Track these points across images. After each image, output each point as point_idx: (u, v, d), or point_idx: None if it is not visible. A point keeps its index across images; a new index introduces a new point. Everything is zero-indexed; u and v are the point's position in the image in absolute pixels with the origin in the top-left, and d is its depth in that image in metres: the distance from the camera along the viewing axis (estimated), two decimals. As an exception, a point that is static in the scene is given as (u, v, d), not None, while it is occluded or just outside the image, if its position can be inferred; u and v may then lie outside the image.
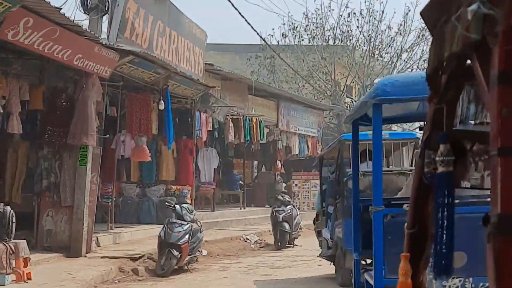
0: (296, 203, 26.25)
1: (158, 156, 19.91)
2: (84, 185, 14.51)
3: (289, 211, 19.52)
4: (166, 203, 15.48)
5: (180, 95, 19.79)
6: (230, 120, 23.84)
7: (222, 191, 26.70)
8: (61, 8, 12.36)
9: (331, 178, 14.03)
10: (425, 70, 2.81)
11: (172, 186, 19.72)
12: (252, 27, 22.97)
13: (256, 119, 25.51)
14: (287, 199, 19.97)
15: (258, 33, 24.83)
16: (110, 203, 16.96)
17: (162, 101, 17.44)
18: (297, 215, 20.09)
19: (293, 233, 19.72)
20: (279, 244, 19.39)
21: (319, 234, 15.33)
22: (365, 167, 11.86)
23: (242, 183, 26.54)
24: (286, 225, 19.34)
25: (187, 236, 13.98)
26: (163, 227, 14.18)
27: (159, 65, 17.01)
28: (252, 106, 26.01)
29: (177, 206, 14.25)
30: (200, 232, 14.80)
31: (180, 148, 20.33)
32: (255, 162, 30.55)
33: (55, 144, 14.58)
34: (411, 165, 12.59)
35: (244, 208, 25.86)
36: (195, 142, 20.96)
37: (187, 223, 14.12)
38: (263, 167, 30.45)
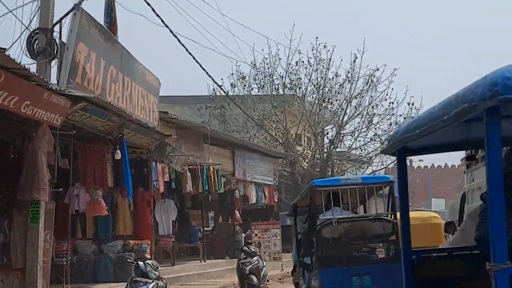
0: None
1: (114, 210, 18.69)
2: (37, 244, 13.27)
3: (256, 262, 18.43)
4: (128, 260, 14.25)
5: (135, 145, 18.69)
6: (187, 169, 22.76)
7: (180, 244, 25.45)
8: (5, 49, 11.23)
9: (304, 227, 13.62)
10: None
11: (130, 241, 18.49)
12: (207, 72, 22.07)
13: (214, 168, 24.49)
14: (253, 250, 18.87)
15: (212, 79, 24.03)
16: (65, 263, 15.69)
17: (118, 151, 16.30)
18: (264, 266, 19.00)
19: (261, 285, 18.59)
20: (247, 298, 18.24)
21: (296, 285, 14.39)
22: (335, 213, 11.80)
23: (201, 235, 25.38)
24: (254, 278, 18.22)
25: (153, 295, 12.80)
26: (126, 286, 12.96)
27: (114, 112, 15.92)
28: (208, 155, 25.00)
29: (141, 263, 13.05)
30: (166, 289, 13.62)
31: (137, 200, 19.15)
32: (211, 213, 29.46)
33: (4, 200, 13.34)
34: (388, 210, 12.19)
35: (205, 261, 24.67)
36: (152, 193, 19.81)
37: (152, 281, 12.93)
38: (220, 217, 29.35)
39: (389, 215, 12.05)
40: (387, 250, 12.34)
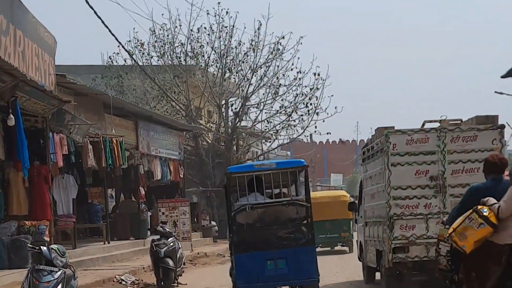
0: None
1: (6, 187, 16.19)
2: None
3: (172, 244, 16.36)
4: (28, 245, 11.89)
5: (29, 112, 16.18)
6: (88, 141, 20.33)
7: (81, 225, 22.95)
8: None
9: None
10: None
11: (26, 222, 16.05)
12: (110, 31, 19.58)
13: (117, 140, 22.10)
14: (168, 230, 16.73)
15: (117, 39, 21.36)
16: None
17: (11, 116, 13.80)
18: (180, 248, 16.93)
19: (177, 269, 16.52)
20: (163, 283, 16.12)
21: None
22: (251, 199, 12.15)
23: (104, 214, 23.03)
24: (170, 261, 16.14)
25: (59, 287, 10.51)
26: (27, 276, 10.64)
27: (5, 71, 13.42)
28: (111, 126, 22.55)
29: (44, 248, 10.70)
30: (75, 279, 11.32)
31: (33, 176, 16.62)
32: (112, 191, 27.09)
33: None
34: (306, 193, 12.60)
35: (109, 243, 22.36)
36: (49, 168, 17.34)
37: (59, 270, 10.64)
38: (122, 195, 26.94)
39: (304, 199, 12.51)
40: (301, 233, 12.37)
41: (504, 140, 13.36)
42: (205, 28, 36.81)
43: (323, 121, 38.33)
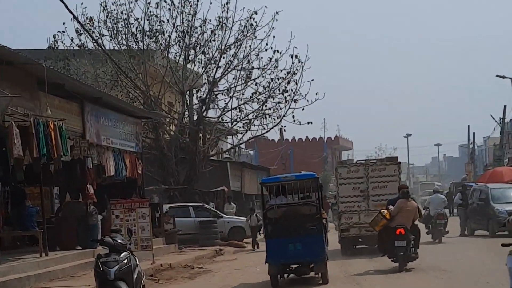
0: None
1: None
2: None
3: (125, 261, 11.65)
4: None
5: None
6: (14, 124, 15.46)
7: (11, 232, 18.02)
8: None
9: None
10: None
11: None
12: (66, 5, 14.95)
13: (55, 124, 17.27)
14: (120, 242, 11.91)
15: (65, 5, 16.65)
16: None
17: None
18: (137, 264, 12.20)
19: (134, 294, 11.75)
20: (113, 317, 11.37)
21: None
22: (278, 201, 17.10)
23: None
24: (123, 286, 11.35)
25: None
26: None
27: None
28: (46, 107, 17.55)
29: None
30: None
31: None
32: (55, 190, 22.23)
33: None
34: (318, 199, 17.62)
35: (46, 255, 17.56)
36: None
37: None
38: (67, 195, 21.99)
39: (316, 201, 17.48)
40: (312, 225, 16.81)
41: (400, 171, 23.65)
42: (165, 1, 32.05)
43: (303, 109, 33.87)
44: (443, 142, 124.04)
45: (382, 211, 18.05)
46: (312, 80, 33.21)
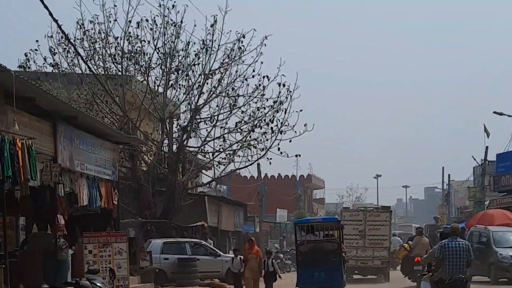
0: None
1: None
2: None
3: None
4: None
5: None
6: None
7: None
8: None
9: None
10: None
11: None
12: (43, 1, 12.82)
13: (23, 143, 14.93)
14: (100, 285, 9.56)
15: (46, 7, 14.54)
16: None
17: None
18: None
19: None
20: None
21: None
22: (307, 237, 22.65)
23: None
24: None
25: None
26: None
27: None
28: (14, 122, 15.16)
29: None
30: None
31: None
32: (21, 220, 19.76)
33: None
34: (338, 237, 23.12)
35: (7, 296, 15.09)
36: None
37: None
38: (34, 225, 19.52)
39: (337, 238, 23.06)
40: (334, 257, 22.16)
41: (391, 217, 33.28)
42: (146, 20, 29.95)
43: (290, 141, 31.73)
44: (410, 183, 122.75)
45: (404, 245, 27.06)
46: (301, 110, 31.07)
